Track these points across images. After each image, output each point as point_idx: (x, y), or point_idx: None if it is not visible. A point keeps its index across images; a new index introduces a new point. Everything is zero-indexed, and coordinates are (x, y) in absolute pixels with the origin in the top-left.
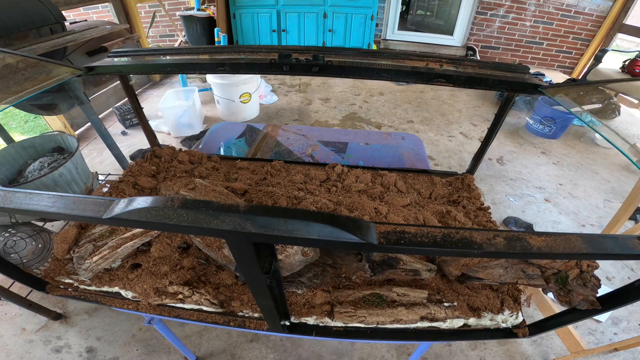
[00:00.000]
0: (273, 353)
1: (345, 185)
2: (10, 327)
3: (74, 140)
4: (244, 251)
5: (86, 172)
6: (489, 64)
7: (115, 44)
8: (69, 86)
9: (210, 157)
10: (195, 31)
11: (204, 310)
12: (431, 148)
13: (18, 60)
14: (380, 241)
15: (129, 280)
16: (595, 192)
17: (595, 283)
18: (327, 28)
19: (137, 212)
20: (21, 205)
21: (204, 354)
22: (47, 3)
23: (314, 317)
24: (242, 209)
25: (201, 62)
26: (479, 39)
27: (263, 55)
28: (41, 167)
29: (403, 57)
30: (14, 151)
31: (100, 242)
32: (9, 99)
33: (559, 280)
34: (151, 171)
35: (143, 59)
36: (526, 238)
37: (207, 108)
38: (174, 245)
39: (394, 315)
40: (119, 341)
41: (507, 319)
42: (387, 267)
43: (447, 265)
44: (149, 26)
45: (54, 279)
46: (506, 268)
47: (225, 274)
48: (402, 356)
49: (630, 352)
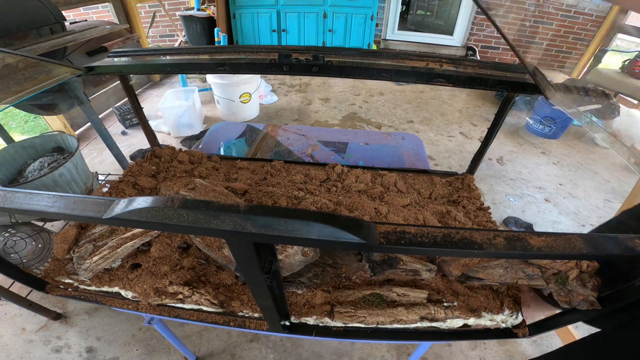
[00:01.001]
0: (273, 353)
1: (345, 185)
2: (10, 327)
3: (74, 140)
4: (244, 251)
5: (86, 172)
6: (489, 64)
7: (115, 44)
8: (69, 86)
9: (210, 157)
10: (195, 31)
11: (204, 310)
12: (431, 148)
13: (18, 60)
14: (380, 241)
15: (129, 280)
16: (595, 192)
17: (595, 283)
18: (327, 28)
19: (137, 212)
20: (21, 205)
21: (204, 354)
22: (47, 3)
23: (314, 317)
24: (242, 209)
25: (201, 62)
26: (479, 39)
27: (263, 55)
28: (41, 167)
29: (403, 57)
30: (14, 151)
31: (100, 242)
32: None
33: (559, 281)
34: (151, 171)
35: (143, 59)
36: (526, 238)
37: (207, 108)
38: (174, 245)
39: (394, 315)
40: (119, 341)
41: (507, 319)
42: (387, 267)
43: (447, 265)
44: (149, 26)
45: (54, 279)
46: (506, 268)
47: (225, 274)
48: (402, 356)
49: None
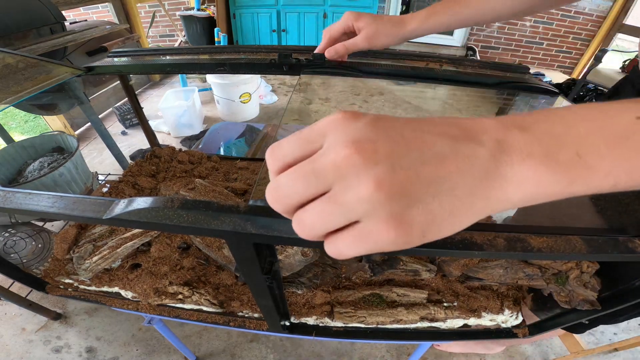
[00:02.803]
0: (273, 353)
1: None
2: (10, 327)
3: (74, 140)
4: (244, 252)
5: (86, 172)
6: (489, 64)
7: (115, 44)
8: (69, 86)
9: (210, 157)
10: (195, 31)
11: (204, 311)
12: None
13: (18, 60)
14: None
15: (129, 281)
16: None
17: (595, 283)
18: None
19: (137, 213)
20: (21, 205)
21: (203, 354)
22: (47, 3)
23: (314, 317)
24: (242, 209)
25: (201, 62)
26: (479, 39)
27: (263, 55)
28: (41, 167)
29: (403, 57)
30: (13, 151)
31: (100, 242)
32: (9, 99)
33: (559, 281)
34: (151, 171)
35: (143, 59)
36: (527, 239)
37: (207, 108)
38: (174, 246)
39: (394, 315)
40: (119, 341)
41: (507, 319)
42: (387, 267)
43: (447, 266)
44: (149, 26)
45: (54, 279)
46: (506, 268)
47: (225, 274)
48: (402, 356)
49: (630, 352)
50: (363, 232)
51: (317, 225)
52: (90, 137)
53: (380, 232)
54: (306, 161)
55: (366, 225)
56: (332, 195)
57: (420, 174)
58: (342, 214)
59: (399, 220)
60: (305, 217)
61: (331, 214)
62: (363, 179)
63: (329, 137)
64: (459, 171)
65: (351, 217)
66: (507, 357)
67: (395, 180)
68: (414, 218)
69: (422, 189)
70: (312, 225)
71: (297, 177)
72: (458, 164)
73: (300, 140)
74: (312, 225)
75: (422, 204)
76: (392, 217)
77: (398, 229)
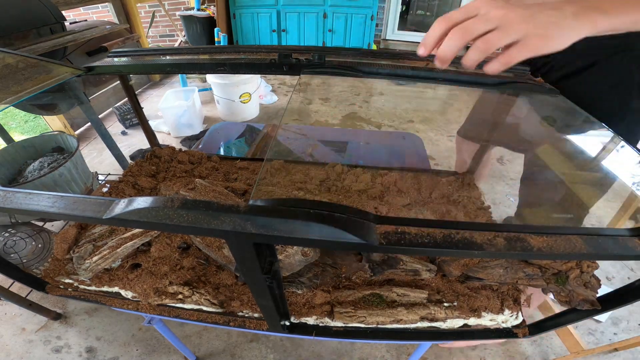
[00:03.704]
0: (273, 353)
1: (345, 184)
2: (10, 327)
3: (74, 140)
4: (244, 251)
5: (86, 172)
6: None
7: (115, 44)
8: (69, 86)
9: (210, 157)
10: (195, 31)
11: (204, 310)
12: (431, 148)
13: (18, 60)
14: (380, 242)
15: (129, 280)
16: None
17: (595, 283)
18: (327, 28)
19: (137, 213)
20: (21, 205)
21: (204, 353)
22: (47, 3)
23: (314, 317)
24: (242, 209)
25: (201, 62)
26: None
27: (263, 55)
28: (41, 167)
29: (403, 57)
30: (13, 151)
31: (100, 242)
32: (9, 99)
33: (559, 281)
34: (151, 171)
35: (143, 59)
36: (527, 238)
37: (207, 108)
38: (174, 245)
39: (394, 315)
40: (119, 341)
41: (507, 319)
42: (387, 267)
43: (447, 265)
44: (148, 26)
45: (54, 279)
46: (506, 268)
47: (225, 274)
48: (402, 356)
49: (630, 352)
50: (524, 41)
51: (494, 38)
52: (90, 137)
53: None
54: (478, 16)
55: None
56: (500, 27)
57: (535, 15)
58: (508, 35)
59: (531, 22)
60: (490, 37)
61: (500, 38)
62: (511, 16)
63: (482, 9)
64: (560, 14)
65: (512, 38)
66: (507, 357)
67: (526, 13)
68: (540, 20)
69: (536, 17)
70: (491, 37)
71: (478, 21)
72: (557, 14)
73: (468, 10)
74: (491, 37)
75: (539, 19)
76: (528, 24)
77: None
